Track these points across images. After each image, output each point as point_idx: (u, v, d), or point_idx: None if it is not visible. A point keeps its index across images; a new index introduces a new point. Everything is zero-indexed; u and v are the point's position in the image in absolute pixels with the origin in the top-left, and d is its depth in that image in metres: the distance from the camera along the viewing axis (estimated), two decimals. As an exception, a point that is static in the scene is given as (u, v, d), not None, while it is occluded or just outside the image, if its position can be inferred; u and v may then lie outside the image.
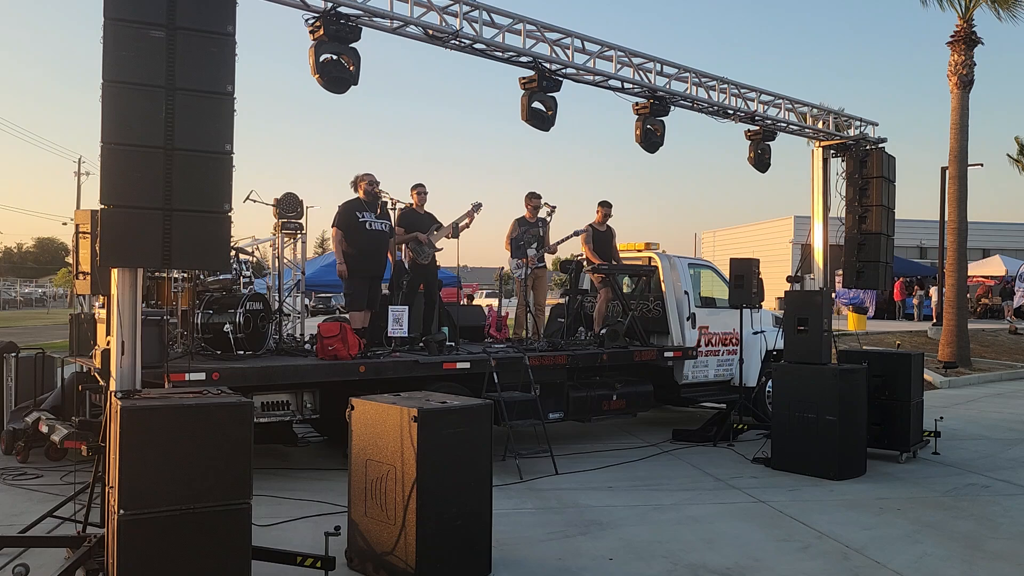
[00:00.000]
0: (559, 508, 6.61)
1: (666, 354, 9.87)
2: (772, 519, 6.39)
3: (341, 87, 5.72)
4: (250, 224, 57.00)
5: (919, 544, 5.78)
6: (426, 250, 9.07)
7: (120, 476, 3.96)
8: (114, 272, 4.55)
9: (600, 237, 10.30)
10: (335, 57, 5.72)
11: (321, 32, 5.61)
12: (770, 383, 9.89)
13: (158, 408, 4.08)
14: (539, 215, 9.94)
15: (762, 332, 10.70)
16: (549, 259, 11.02)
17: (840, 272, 9.94)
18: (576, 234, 10.26)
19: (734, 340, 10.49)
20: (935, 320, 21.70)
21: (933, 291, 26.57)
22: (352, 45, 5.75)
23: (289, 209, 9.11)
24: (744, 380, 10.13)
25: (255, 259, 9.60)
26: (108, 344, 5.00)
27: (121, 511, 3.93)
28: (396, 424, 4.83)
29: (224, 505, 4.14)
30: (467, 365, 8.00)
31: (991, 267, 33.58)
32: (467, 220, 9.28)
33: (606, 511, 6.51)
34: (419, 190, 9.33)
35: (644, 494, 7.11)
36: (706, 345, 10.42)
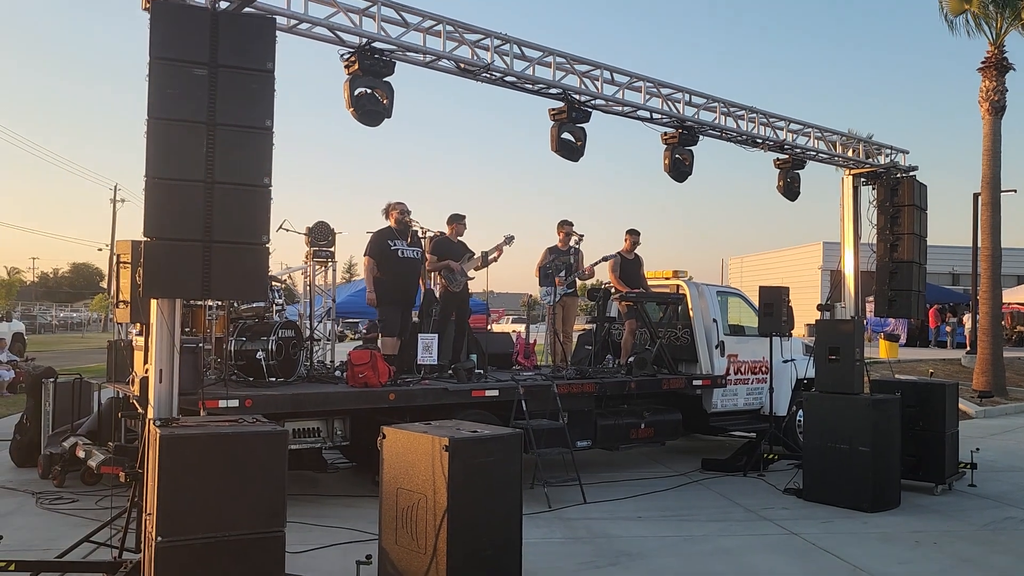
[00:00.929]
0: (588, 538, 6.58)
1: (694, 382, 9.82)
2: (805, 552, 6.31)
3: (375, 120, 5.85)
4: (282, 252, 57.72)
5: (956, 580, 5.68)
6: (458, 278, 9.14)
7: (158, 503, 4.03)
8: (153, 302, 4.67)
9: (628, 265, 10.31)
10: (369, 91, 5.85)
11: (356, 67, 5.75)
12: (800, 412, 9.81)
13: (195, 436, 4.16)
14: (571, 243, 9.99)
15: (792, 360, 10.60)
16: (580, 287, 11.04)
17: (870, 299, 9.87)
18: (604, 259, 10.28)
19: (764, 368, 10.41)
20: (968, 348, 21.36)
21: (966, 318, 26.18)
22: (386, 79, 5.87)
23: (321, 238, 9.26)
24: (774, 409, 10.03)
25: (285, 285, 9.75)
26: (146, 372, 5.11)
27: (159, 537, 3.99)
28: (427, 453, 4.86)
29: (258, 533, 4.20)
30: (496, 393, 8.02)
31: (1026, 294, 32.97)
32: (496, 253, 9.34)
33: (636, 542, 6.47)
34: (459, 221, 9.44)
35: (674, 524, 7.06)
36: (735, 373, 10.35)
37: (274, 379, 7.56)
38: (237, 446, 4.21)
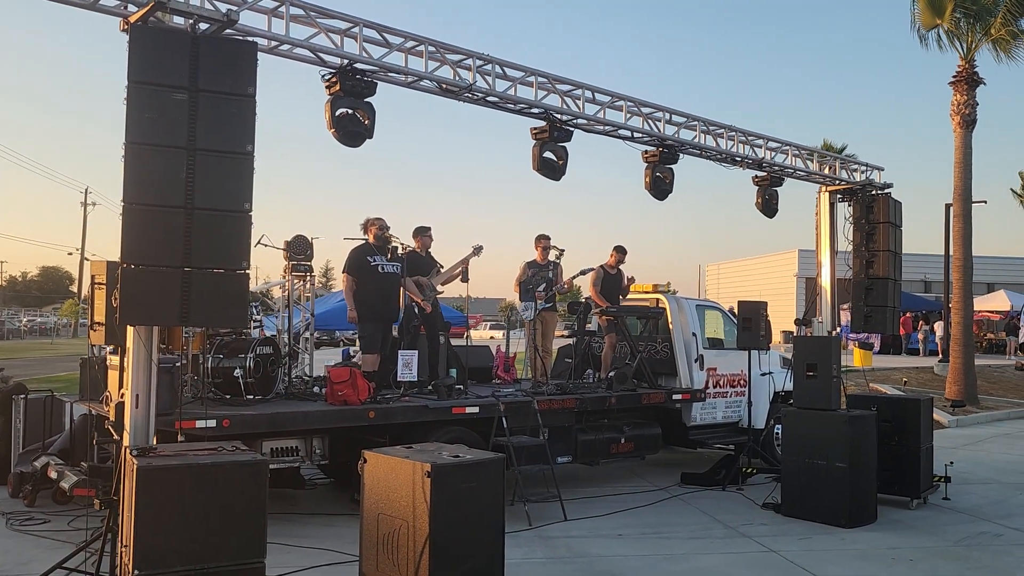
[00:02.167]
0: (569, 558, 6.57)
1: (674, 396, 9.86)
2: (784, 570, 6.34)
3: (356, 141, 5.81)
4: (259, 265, 57.05)
5: (933, 599, 5.74)
6: (427, 293, 9.09)
7: (135, 536, 3.97)
8: (130, 328, 4.59)
9: (609, 280, 10.33)
10: (351, 111, 5.81)
11: (337, 87, 5.71)
12: (779, 426, 9.88)
13: (173, 467, 4.10)
14: (549, 257, 9.99)
15: (770, 373, 10.69)
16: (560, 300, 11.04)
17: (844, 307, 9.97)
18: (584, 273, 10.30)
19: (742, 382, 10.48)
20: (941, 356, 21.68)
21: (938, 326, 26.56)
22: (367, 99, 5.84)
23: (299, 251, 9.17)
24: (752, 422, 10.09)
25: (262, 298, 9.65)
26: (122, 397, 5.02)
27: (136, 572, 3.92)
28: (408, 479, 4.82)
29: (238, 564, 4.14)
30: (476, 410, 8.00)
31: (996, 302, 33.53)
32: (462, 266, 9.17)
33: (617, 561, 6.47)
34: (424, 234, 9.37)
35: (654, 542, 7.07)
36: (714, 387, 10.41)
37: (252, 396, 7.48)
38: (216, 476, 4.15)
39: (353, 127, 5.79)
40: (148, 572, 3.94)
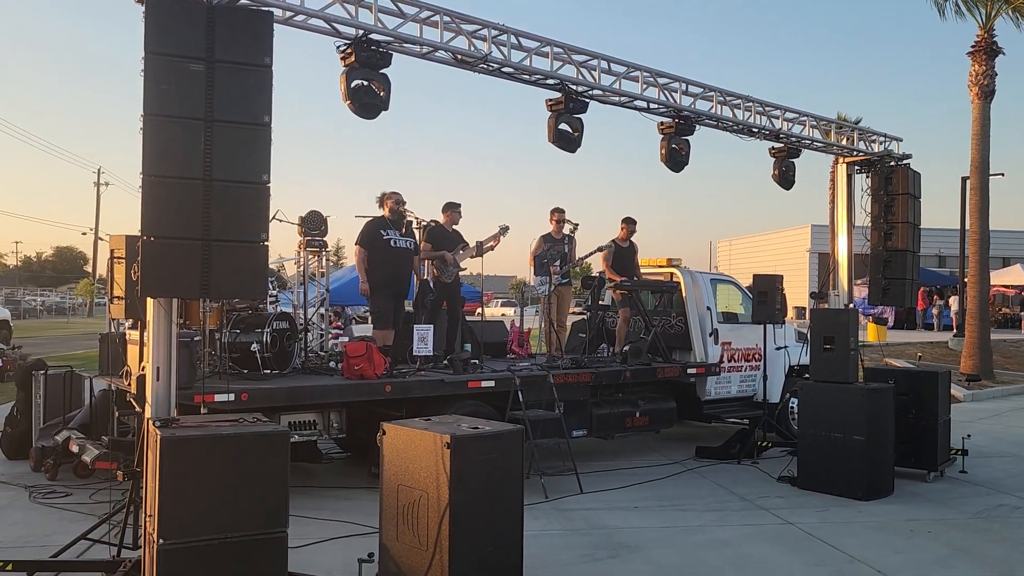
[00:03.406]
0: (586, 530, 6.60)
1: (689, 370, 9.85)
2: (801, 542, 6.35)
3: (372, 113, 5.77)
4: (274, 240, 57.13)
5: (953, 569, 5.74)
6: (450, 269, 9.10)
7: (159, 505, 4.00)
8: (150, 300, 4.61)
9: (622, 254, 10.29)
10: (366, 83, 5.77)
11: (352, 59, 5.67)
12: (794, 400, 9.86)
13: (196, 438, 4.12)
14: (564, 231, 9.96)
15: (785, 347, 10.65)
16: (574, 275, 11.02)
17: (859, 282, 9.91)
18: (600, 249, 10.26)
19: (757, 356, 10.45)
20: (956, 331, 21.56)
21: (952, 300, 26.39)
22: (383, 71, 5.79)
23: (314, 227, 9.17)
24: (768, 396, 10.08)
25: (277, 274, 9.67)
26: (143, 370, 5.05)
27: (161, 540, 3.96)
28: (428, 450, 4.84)
29: (261, 534, 4.18)
30: (492, 384, 8.02)
31: (1012, 276, 33.28)
32: (492, 243, 9.31)
33: (634, 533, 6.50)
34: (453, 209, 9.37)
35: (671, 515, 7.09)
36: (729, 361, 10.38)
37: (269, 371, 7.52)
38: (238, 447, 4.18)
39: (369, 99, 5.75)
40: (173, 541, 3.98)
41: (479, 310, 16.39)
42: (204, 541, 4.04)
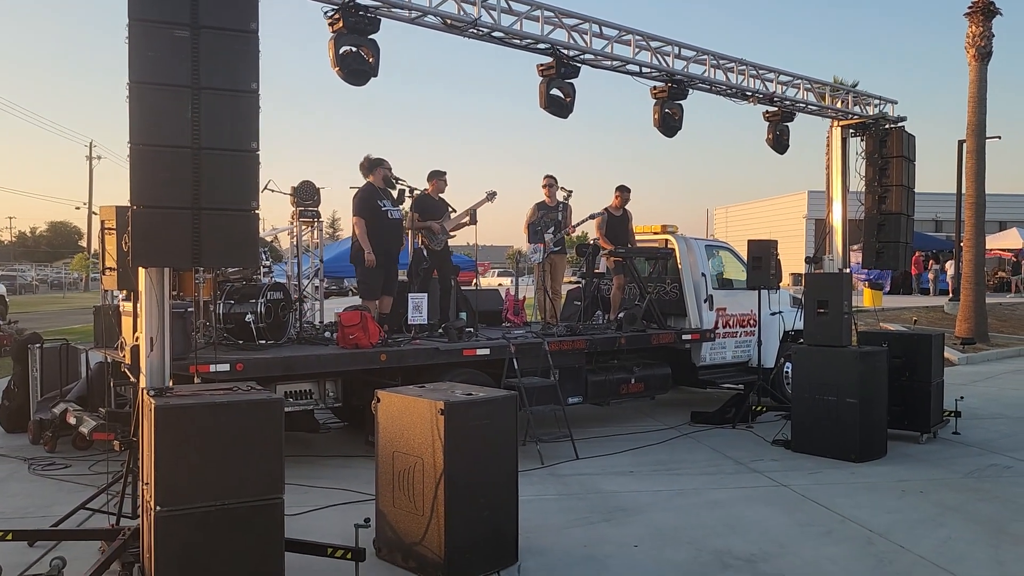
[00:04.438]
0: (582, 494, 6.66)
1: (684, 337, 9.88)
2: (794, 503, 6.42)
3: (361, 79, 5.72)
4: (267, 212, 57.06)
5: (943, 528, 5.81)
6: (439, 237, 9.06)
7: (156, 473, 4.02)
8: (141, 270, 4.59)
9: (615, 221, 10.26)
10: (355, 49, 5.71)
11: (340, 24, 5.60)
12: (788, 364, 9.91)
13: (191, 406, 4.13)
14: (558, 198, 9.92)
15: (780, 313, 10.67)
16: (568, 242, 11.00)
17: (855, 247, 9.91)
18: (592, 217, 10.23)
19: (751, 321, 10.48)
20: (951, 295, 21.61)
21: (949, 265, 26.41)
22: (371, 37, 5.73)
23: (306, 197, 9.13)
24: (762, 361, 10.14)
25: (270, 245, 9.65)
26: (137, 340, 5.05)
27: (158, 507, 3.99)
28: (423, 416, 4.87)
29: (257, 500, 4.20)
30: (487, 352, 8.04)
31: (1008, 240, 33.31)
32: (475, 209, 9.21)
33: (629, 496, 6.56)
34: (439, 177, 9.30)
35: (666, 479, 7.16)
36: (724, 327, 10.41)
37: (264, 342, 7.53)
38: (233, 415, 4.19)
39: (358, 65, 5.69)
40: (170, 508, 4.00)
41: (475, 280, 16.43)
42: (201, 508, 4.07)
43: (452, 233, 9.26)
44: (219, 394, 4.38)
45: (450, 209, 9.21)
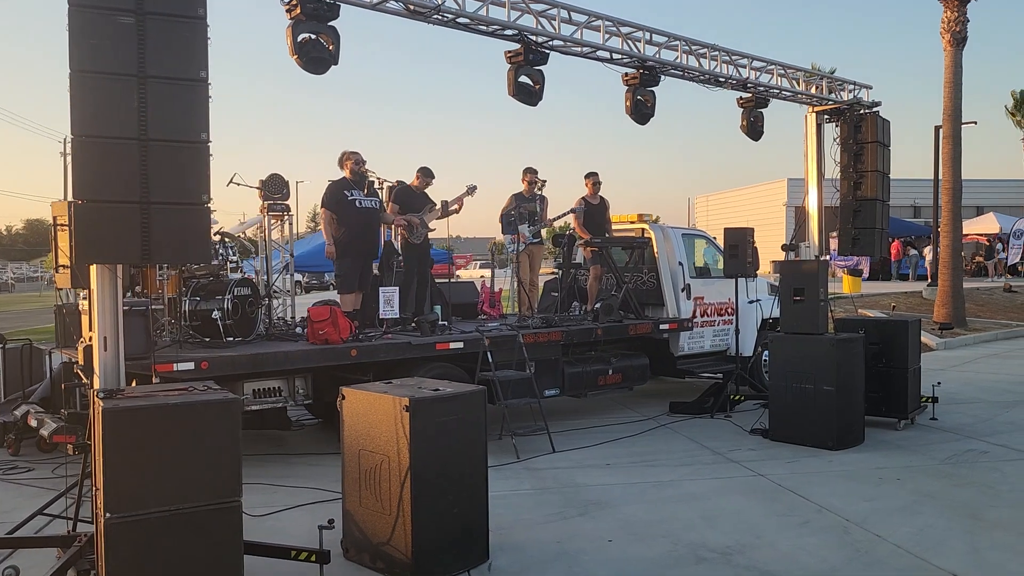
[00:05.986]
0: (556, 488, 6.56)
1: (661, 326, 9.79)
2: (771, 493, 6.35)
3: (321, 67, 5.55)
4: (238, 206, 56.55)
5: (919, 515, 5.75)
6: (419, 230, 8.94)
7: (105, 479, 3.86)
8: (93, 267, 4.42)
9: (593, 211, 10.15)
10: (314, 37, 5.54)
11: (298, 11, 5.43)
12: (766, 353, 9.85)
13: (141, 408, 3.98)
14: (535, 190, 9.81)
15: (758, 301, 10.60)
16: (545, 233, 10.89)
17: (834, 234, 9.86)
18: (572, 212, 10.11)
19: (729, 310, 10.41)
20: (930, 280, 21.69)
21: (927, 251, 26.53)
22: (331, 23, 5.56)
23: (275, 191, 8.95)
24: (740, 350, 10.07)
25: (240, 239, 9.45)
26: (90, 340, 4.88)
27: (107, 514, 3.84)
28: (388, 413, 4.74)
29: (214, 504, 4.05)
30: (460, 345, 7.91)
31: (985, 225, 33.49)
32: (457, 204, 9.19)
33: (604, 490, 6.47)
34: (426, 175, 9.19)
35: (642, 471, 7.07)
36: (701, 316, 10.34)
37: (232, 339, 7.35)
38: (186, 416, 4.04)
39: (317, 53, 5.52)
40: (121, 514, 3.85)
41: (450, 273, 16.29)
42: (154, 514, 3.91)
43: (432, 227, 9.14)
44: (173, 395, 4.22)
45: (431, 203, 9.11)
